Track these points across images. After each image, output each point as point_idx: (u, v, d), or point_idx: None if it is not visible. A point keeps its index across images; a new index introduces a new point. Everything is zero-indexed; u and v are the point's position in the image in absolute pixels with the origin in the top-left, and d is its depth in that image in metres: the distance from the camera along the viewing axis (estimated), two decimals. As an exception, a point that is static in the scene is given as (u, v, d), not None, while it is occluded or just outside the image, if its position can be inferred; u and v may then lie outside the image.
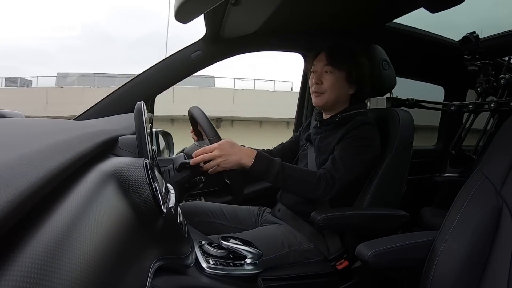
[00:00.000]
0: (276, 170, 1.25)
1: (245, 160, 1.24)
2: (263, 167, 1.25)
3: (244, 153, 1.26)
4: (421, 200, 2.34)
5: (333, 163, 1.33)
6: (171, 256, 0.64)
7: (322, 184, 1.28)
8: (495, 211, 0.94)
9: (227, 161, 1.23)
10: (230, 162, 1.23)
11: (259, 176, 1.29)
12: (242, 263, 0.84)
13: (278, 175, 1.26)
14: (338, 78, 1.43)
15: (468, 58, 2.12)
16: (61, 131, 0.65)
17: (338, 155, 1.34)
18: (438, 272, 0.96)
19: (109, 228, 0.44)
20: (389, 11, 1.75)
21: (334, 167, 1.31)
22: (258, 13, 1.50)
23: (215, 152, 1.22)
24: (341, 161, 1.32)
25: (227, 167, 1.23)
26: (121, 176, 0.57)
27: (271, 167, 1.26)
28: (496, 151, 1.03)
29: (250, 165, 1.24)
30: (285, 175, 1.26)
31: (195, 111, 1.36)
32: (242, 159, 1.24)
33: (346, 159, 1.32)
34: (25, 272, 0.28)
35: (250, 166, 1.25)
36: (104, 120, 1.22)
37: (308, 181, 1.29)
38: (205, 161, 1.23)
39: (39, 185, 0.34)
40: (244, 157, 1.25)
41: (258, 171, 1.26)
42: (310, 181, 1.29)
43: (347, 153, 1.33)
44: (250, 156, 1.25)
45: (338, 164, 1.32)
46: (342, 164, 1.31)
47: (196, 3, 1.15)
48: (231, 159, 1.23)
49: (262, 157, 1.27)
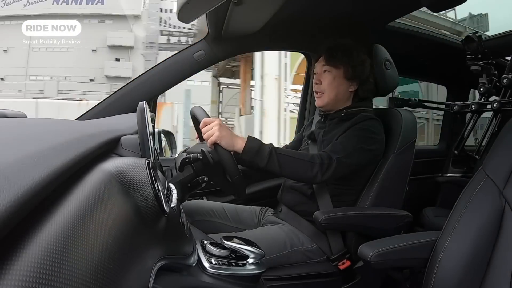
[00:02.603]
0: (268, 151, 1.25)
1: (238, 142, 1.25)
2: (255, 147, 1.25)
3: (237, 137, 1.27)
4: (424, 200, 2.34)
5: (332, 146, 1.33)
6: (173, 256, 0.64)
7: (317, 161, 1.27)
8: (497, 211, 0.94)
9: (222, 136, 1.23)
10: (224, 137, 1.23)
11: (252, 160, 1.27)
12: (245, 263, 0.84)
13: (271, 156, 1.25)
14: (336, 76, 1.43)
15: (471, 58, 2.12)
16: (64, 131, 0.65)
17: (340, 140, 1.34)
18: (440, 272, 0.96)
19: (111, 228, 0.45)
20: (391, 10, 1.75)
21: (333, 149, 1.31)
22: (260, 13, 1.50)
23: (216, 121, 1.25)
24: (341, 144, 1.31)
25: (221, 141, 1.23)
26: (124, 176, 0.57)
27: (263, 148, 1.26)
28: (499, 151, 1.02)
29: (243, 147, 1.25)
30: (278, 154, 1.26)
31: (198, 111, 1.35)
32: (235, 139, 1.25)
33: (346, 143, 1.31)
34: (28, 271, 0.28)
35: (243, 148, 1.25)
36: (107, 120, 1.22)
37: (301, 159, 1.28)
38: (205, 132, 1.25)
39: (42, 185, 0.34)
40: (237, 138, 1.26)
41: (250, 153, 1.25)
42: (303, 159, 1.28)
43: (349, 139, 1.33)
44: (242, 139, 1.27)
45: (337, 146, 1.31)
46: (341, 146, 1.31)
47: (198, 3, 1.15)
48: (226, 135, 1.23)
49: (253, 139, 1.28)
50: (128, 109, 1.46)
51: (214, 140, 1.22)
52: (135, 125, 0.83)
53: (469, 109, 2.33)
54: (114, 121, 1.09)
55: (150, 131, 0.81)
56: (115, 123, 0.98)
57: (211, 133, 1.23)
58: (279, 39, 1.84)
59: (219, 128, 1.23)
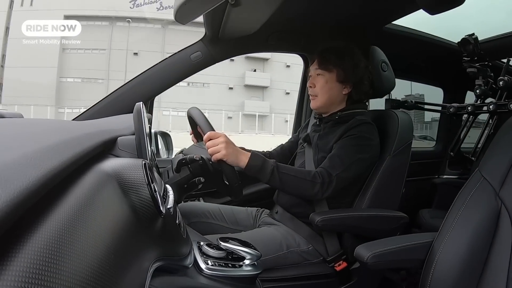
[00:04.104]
0: (270, 169, 1.26)
1: (242, 159, 1.26)
2: (258, 165, 1.26)
3: (241, 152, 1.27)
4: (420, 202, 2.34)
5: (330, 161, 1.33)
6: (170, 257, 0.64)
7: (318, 181, 1.28)
8: (494, 213, 0.94)
9: (228, 154, 1.23)
10: (230, 155, 1.23)
11: (254, 175, 1.28)
12: (241, 264, 0.83)
13: (273, 173, 1.26)
14: (328, 79, 1.44)
15: (467, 60, 2.13)
16: (60, 131, 0.65)
17: (336, 153, 1.34)
18: (437, 273, 0.96)
19: (107, 229, 0.44)
20: (388, 12, 1.75)
21: (331, 165, 1.31)
22: (257, 14, 1.50)
23: (221, 138, 1.24)
24: (339, 158, 1.32)
25: (227, 159, 1.23)
26: (120, 177, 0.57)
27: (266, 165, 1.27)
28: (495, 152, 1.03)
29: (246, 163, 1.26)
30: (279, 173, 1.27)
31: (194, 112, 1.35)
32: (239, 157, 1.26)
33: (344, 157, 1.32)
34: (23, 272, 0.28)
35: (246, 165, 1.26)
36: (103, 121, 1.22)
37: (303, 178, 1.29)
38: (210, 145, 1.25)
39: (38, 185, 0.34)
40: (241, 155, 1.26)
41: (253, 169, 1.26)
42: (305, 179, 1.29)
43: (345, 151, 1.33)
44: (246, 155, 1.27)
45: (335, 161, 1.32)
46: (339, 161, 1.31)
47: (195, 4, 1.15)
48: (232, 152, 1.24)
49: (256, 156, 1.28)
50: (125, 109, 1.46)
51: (220, 158, 1.23)
52: (131, 125, 0.83)
53: (465, 111, 2.34)
54: (111, 121, 1.09)
55: (147, 132, 0.80)
56: (111, 123, 0.97)
57: (217, 149, 1.23)
58: (276, 40, 1.84)
59: (225, 146, 1.23)
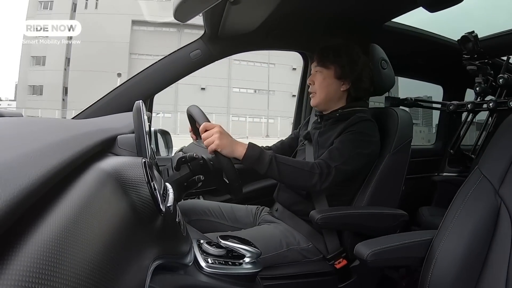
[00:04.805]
0: (268, 159, 1.26)
1: (238, 150, 1.26)
2: (255, 155, 1.26)
3: (237, 143, 1.27)
4: (420, 199, 2.34)
5: (329, 153, 1.33)
6: (170, 255, 0.64)
7: (316, 171, 1.27)
8: (493, 210, 0.94)
9: (222, 144, 1.23)
10: (225, 146, 1.23)
11: (252, 166, 1.28)
12: (241, 262, 0.84)
13: (271, 163, 1.26)
14: (326, 76, 1.45)
15: (467, 57, 2.13)
16: (60, 130, 0.65)
17: (336, 146, 1.34)
18: (436, 271, 0.96)
19: (107, 227, 0.44)
20: (388, 10, 1.75)
21: (330, 157, 1.31)
22: (257, 12, 1.50)
23: (216, 128, 1.24)
24: (338, 151, 1.32)
25: (221, 150, 1.23)
26: (120, 175, 0.57)
27: (263, 156, 1.26)
28: (495, 150, 1.03)
29: (243, 154, 1.25)
30: (278, 163, 1.26)
31: (194, 110, 1.35)
32: (236, 148, 1.26)
33: (343, 150, 1.32)
34: (24, 271, 0.28)
35: (243, 155, 1.25)
36: (103, 119, 1.22)
37: (301, 169, 1.28)
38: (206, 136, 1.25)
39: (38, 184, 0.34)
40: (237, 146, 1.26)
41: (250, 160, 1.26)
42: (303, 169, 1.28)
43: (345, 145, 1.33)
44: (243, 146, 1.27)
45: (334, 153, 1.31)
46: (339, 154, 1.31)
47: (195, 2, 1.14)
48: (226, 143, 1.24)
49: (254, 147, 1.28)
50: (124, 108, 1.46)
51: (214, 148, 1.23)
52: (131, 124, 0.83)
53: (465, 109, 2.34)
54: (111, 120, 1.09)
55: (147, 130, 0.80)
56: (111, 122, 0.98)
57: (211, 140, 1.23)
58: (275, 38, 1.84)
59: (219, 136, 1.23)
